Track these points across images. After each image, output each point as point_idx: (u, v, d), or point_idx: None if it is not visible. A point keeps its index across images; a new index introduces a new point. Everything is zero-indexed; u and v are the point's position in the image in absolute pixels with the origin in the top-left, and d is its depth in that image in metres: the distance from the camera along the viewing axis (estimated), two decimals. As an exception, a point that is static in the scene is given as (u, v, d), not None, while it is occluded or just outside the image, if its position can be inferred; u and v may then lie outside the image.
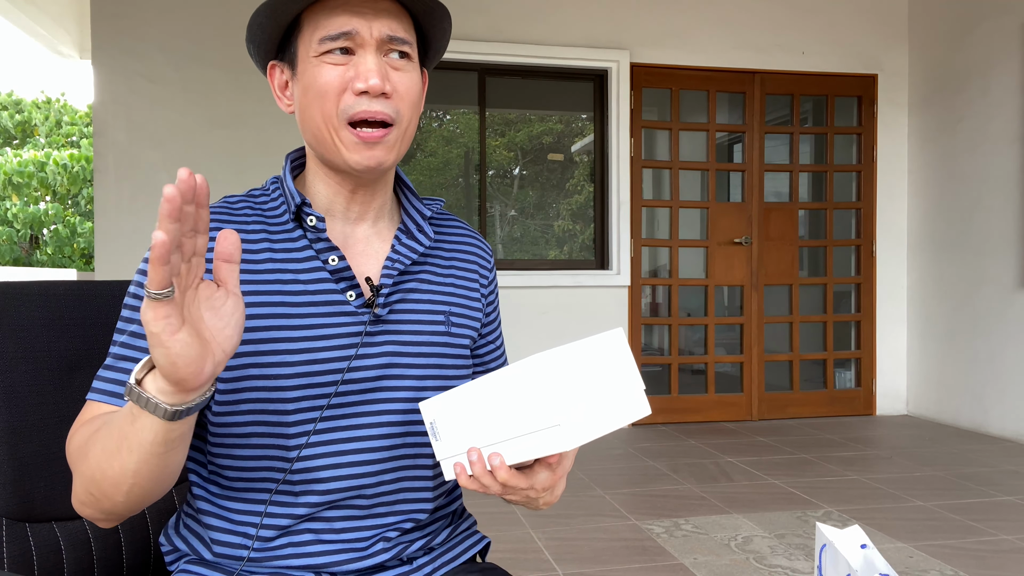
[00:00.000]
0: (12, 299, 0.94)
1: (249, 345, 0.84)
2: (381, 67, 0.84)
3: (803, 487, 3.32)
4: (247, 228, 0.88)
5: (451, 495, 0.99)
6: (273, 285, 0.86)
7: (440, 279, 0.96)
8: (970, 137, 4.58)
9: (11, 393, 0.92)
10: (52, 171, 16.22)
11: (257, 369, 0.84)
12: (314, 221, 0.87)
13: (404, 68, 0.87)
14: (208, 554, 0.87)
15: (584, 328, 4.64)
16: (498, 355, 1.06)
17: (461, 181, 4.82)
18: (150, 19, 4.17)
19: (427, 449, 0.91)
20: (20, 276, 11.99)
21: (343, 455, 0.86)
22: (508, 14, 4.58)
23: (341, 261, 0.88)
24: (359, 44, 0.84)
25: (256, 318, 0.85)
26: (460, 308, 0.97)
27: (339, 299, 0.87)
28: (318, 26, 0.84)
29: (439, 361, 0.92)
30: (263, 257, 0.87)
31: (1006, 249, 4.31)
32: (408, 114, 0.88)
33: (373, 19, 0.84)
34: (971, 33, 4.58)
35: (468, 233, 1.04)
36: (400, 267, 0.91)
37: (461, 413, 0.77)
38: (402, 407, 0.89)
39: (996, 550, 2.57)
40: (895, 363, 5.10)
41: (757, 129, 4.91)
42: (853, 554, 0.67)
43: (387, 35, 0.85)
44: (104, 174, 4.15)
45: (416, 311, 0.92)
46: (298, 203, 0.87)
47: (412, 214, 0.96)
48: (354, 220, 0.92)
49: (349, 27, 0.83)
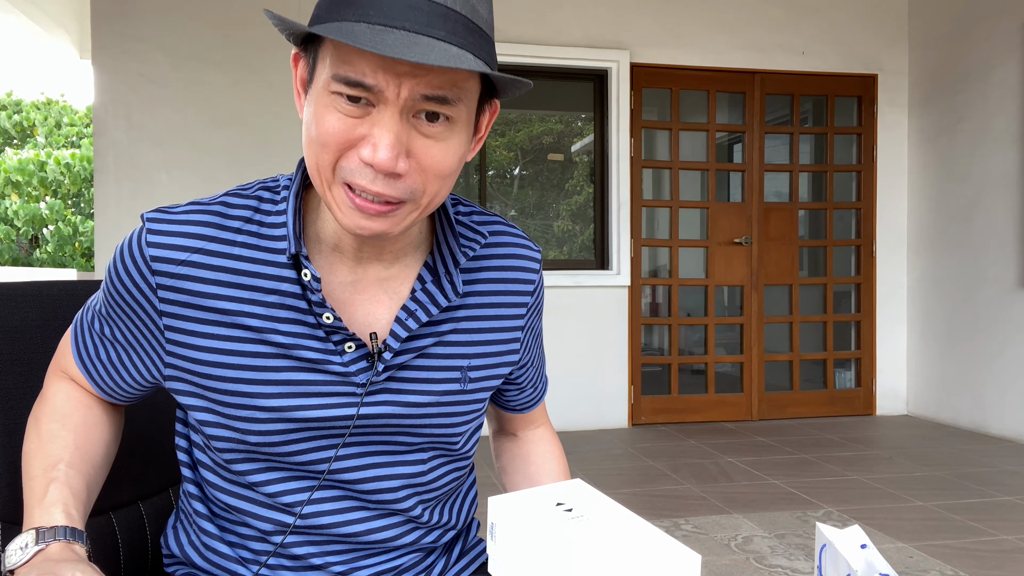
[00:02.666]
0: (6, 300, 0.93)
1: (216, 394, 0.75)
2: (400, 138, 0.65)
3: (803, 487, 3.32)
4: (234, 244, 0.75)
5: (456, 519, 0.92)
6: (243, 331, 0.74)
7: (470, 326, 0.81)
8: (970, 137, 4.58)
9: (5, 395, 0.92)
10: (53, 170, 16.22)
11: (228, 420, 0.77)
12: (308, 276, 0.73)
13: (439, 135, 0.67)
14: (204, 563, 0.85)
15: (584, 328, 4.63)
16: (534, 373, 0.95)
17: (461, 181, 4.82)
18: (150, 19, 4.17)
19: (426, 494, 0.85)
20: (20, 276, 12.00)
21: (340, 513, 0.81)
22: (508, 14, 4.57)
23: (336, 320, 0.74)
24: (380, 99, 0.65)
25: (223, 367, 0.75)
26: (484, 358, 0.83)
27: (328, 358, 0.75)
28: (337, 55, 0.65)
29: (441, 420, 0.81)
30: (241, 282, 0.75)
31: (1006, 249, 4.31)
32: (433, 189, 0.70)
33: (407, 77, 0.63)
34: (971, 33, 4.58)
35: (514, 244, 0.86)
36: (414, 325, 0.77)
37: (521, 539, 0.67)
38: (388, 459, 0.81)
39: (996, 550, 2.56)
40: (895, 363, 5.10)
41: (757, 129, 4.91)
42: (853, 554, 0.67)
43: (421, 95, 0.65)
44: (104, 174, 4.14)
45: (428, 368, 0.79)
46: (293, 252, 0.73)
47: (444, 251, 0.79)
48: (367, 260, 0.78)
49: (370, 80, 0.64)
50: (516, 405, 0.97)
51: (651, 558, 0.60)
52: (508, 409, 0.98)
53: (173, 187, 4.20)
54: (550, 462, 0.99)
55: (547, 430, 1.02)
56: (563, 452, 1.02)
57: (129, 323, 0.79)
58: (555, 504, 0.68)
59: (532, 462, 0.99)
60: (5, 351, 0.92)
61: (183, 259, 0.74)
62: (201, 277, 0.74)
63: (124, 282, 0.77)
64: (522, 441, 1.01)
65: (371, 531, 0.82)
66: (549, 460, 0.99)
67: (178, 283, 0.74)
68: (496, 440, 1.04)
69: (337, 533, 0.80)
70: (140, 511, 1.05)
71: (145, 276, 0.75)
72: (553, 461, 0.99)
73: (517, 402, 0.96)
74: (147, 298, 0.76)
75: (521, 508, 0.67)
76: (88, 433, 0.82)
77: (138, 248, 0.75)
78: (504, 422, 1.02)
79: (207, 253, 0.75)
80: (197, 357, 0.76)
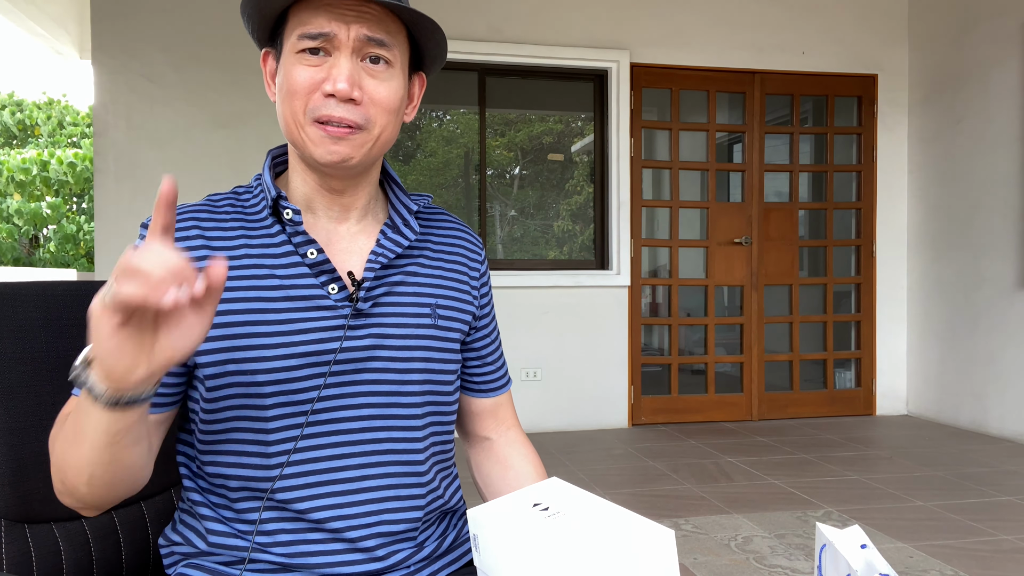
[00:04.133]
0: (10, 299, 0.94)
1: (227, 341, 0.84)
2: (353, 72, 0.83)
3: (803, 487, 3.32)
4: (225, 224, 0.88)
5: (447, 494, 0.97)
6: (249, 280, 0.86)
7: (427, 271, 0.95)
8: (970, 137, 4.58)
9: (9, 394, 0.92)
10: (55, 170, 16.21)
11: (235, 365, 0.84)
12: (290, 214, 0.86)
13: (381, 75, 0.85)
14: (203, 544, 0.87)
15: (584, 328, 4.64)
16: (493, 348, 1.05)
17: (461, 181, 4.82)
18: (150, 19, 4.17)
19: (412, 444, 0.90)
20: (21, 276, 11.99)
21: (324, 448, 0.86)
22: (508, 14, 4.58)
23: (320, 254, 0.87)
24: (335, 46, 0.83)
25: (232, 313, 0.84)
26: (448, 300, 0.95)
27: (319, 293, 0.87)
28: (300, 22, 0.84)
29: (424, 354, 0.91)
30: (240, 252, 0.87)
31: (1006, 249, 4.31)
32: (382, 121, 0.86)
33: (352, 21, 0.83)
34: (971, 33, 4.58)
35: (457, 226, 1.03)
36: (384, 260, 0.90)
37: (503, 543, 0.69)
38: (384, 400, 0.89)
39: (996, 550, 2.57)
40: (895, 363, 5.10)
41: (757, 129, 4.91)
42: (853, 554, 0.67)
43: (364, 36, 0.83)
44: (104, 174, 4.15)
45: (400, 303, 0.91)
46: (274, 196, 0.87)
47: (399, 209, 0.95)
48: (336, 218, 0.92)
49: (327, 28, 0.82)
50: (482, 383, 1.04)
51: (627, 542, 0.63)
52: (477, 392, 1.04)
53: (173, 187, 4.20)
54: (526, 464, 1.05)
55: (518, 432, 1.08)
56: (536, 452, 1.08)
57: None
58: (532, 506, 0.70)
59: (511, 466, 1.05)
60: (9, 350, 0.92)
61: (187, 235, 0.87)
62: (205, 245, 0.87)
63: None
64: (496, 445, 1.06)
65: (362, 476, 0.88)
66: (525, 463, 1.05)
67: (188, 251, 0.85)
68: (472, 450, 1.08)
69: (328, 479, 0.86)
70: (142, 511, 1.05)
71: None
72: (529, 464, 1.05)
73: (484, 380, 1.04)
74: None
75: (499, 515, 0.71)
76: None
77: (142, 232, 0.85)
78: (476, 422, 1.06)
79: (206, 227, 0.88)
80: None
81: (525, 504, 0.71)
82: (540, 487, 0.74)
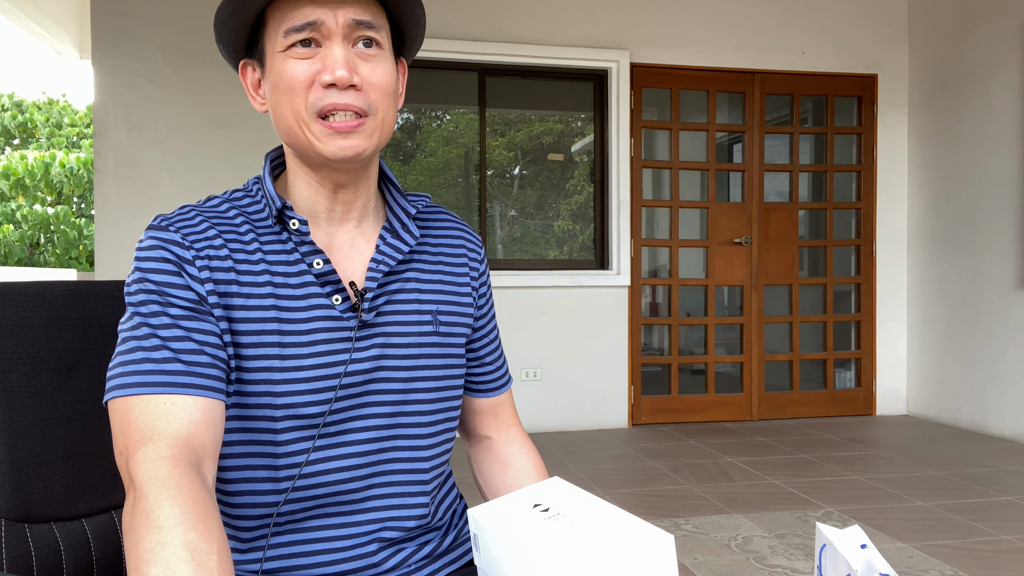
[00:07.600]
0: (10, 299, 0.94)
1: (259, 349, 0.82)
2: (349, 58, 0.81)
3: (803, 487, 3.32)
4: (239, 231, 0.85)
5: (447, 499, 0.97)
6: (268, 288, 0.84)
7: (427, 276, 0.94)
8: (970, 137, 4.58)
9: (9, 393, 0.92)
10: (57, 173, 16.20)
11: (260, 376, 0.83)
12: (296, 224, 0.84)
13: (374, 58, 0.84)
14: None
15: (584, 328, 4.64)
16: (493, 348, 1.04)
17: (461, 181, 4.82)
18: (150, 19, 4.17)
19: (418, 452, 0.90)
20: (22, 276, 11.99)
21: (332, 460, 0.85)
22: (508, 14, 4.58)
23: (326, 264, 0.85)
24: (325, 35, 0.81)
25: (256, 321, 0.83)
26: (449, 306, 0.94)
27: (325, 303, 0.85)
28: (283, 19, 0.81)
29: (427, 362, 0.90)
30: (256, 257, 0.84)
31: (1006, 249, 4.31)
32: (383, 105, 0.84)
33: (338, 7, 0.81)
34: (971, 33, 4.58)
35: (456, 224, 1.01)
36: (385, 269, 0.88)
37: (501, 544, 0.70)
38: (389, 410, 0.88)
39: (996, 550, 2.57)
40: (895, 363, 5.10)
41: (757, 129, 4.91)
42: (853, 554, 0.67)
43: (353, 20, 0.81)
44: (104, 174, 4.14)
45: (402, 312, 0.90)
46: (279, 207, 0.85)
47: (397, 212, 0.93)
48: (338, 221, 0.90)
49: (313, 17, 0.80)
50: (483, 383, 1.03)
51: (627, 545, 0.63)
52: (477, 392, 1.03)
53: (173, 187, 4.20)
54: (527, 464, 1.04)
55: (519, 431, 1.07)
56: (537, 451, 1.07)
57: (186, 303, 0.79)
58: (532, 506, 0.70)
59: (511, 465, 1.04)
60: (10, 349, 0.92)
61: (207, 235, 0.83)
62: (218, 255, 0.83)
63: (162, 269, 0.80)
64: (497, 444, 1.05)
65: (367, 485, 0.87)
66: (526, 462, 1.04)
67: (207, 259, 0.82)
68: (473, 449, 1.08)
69: (334, 491, 0.85)
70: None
71: (184, 248, 0.81)
72: (530, 463, 1.04)
73: (483, 380, 1.03)
74: (186, 271, 0.80)
75: (499, 515, 0.71)
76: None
77: (166, 234, 0.82)
78: (477, 422, 1.06)
79: (223, 229, 0.85)
80: (233, 316, 0.82)
81: (525, 504, 0.71)
82: (541, 487, 0.74)
